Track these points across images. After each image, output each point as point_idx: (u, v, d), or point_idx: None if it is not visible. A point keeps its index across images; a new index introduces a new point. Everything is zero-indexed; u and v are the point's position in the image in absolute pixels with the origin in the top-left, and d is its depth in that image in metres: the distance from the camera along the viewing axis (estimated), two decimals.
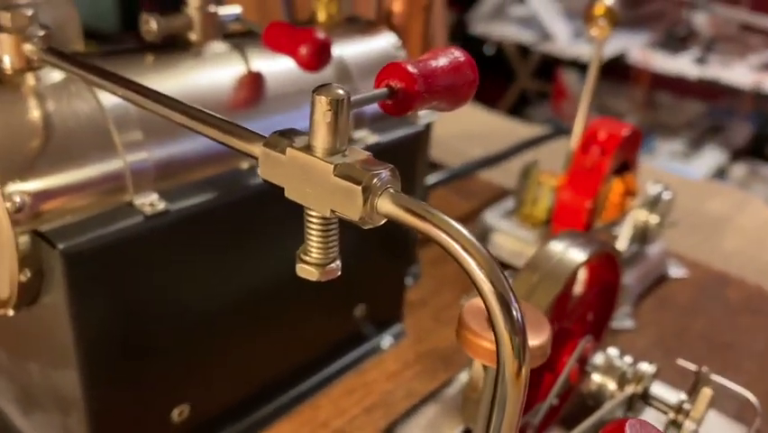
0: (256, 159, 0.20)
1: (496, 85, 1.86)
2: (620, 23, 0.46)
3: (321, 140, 0.18)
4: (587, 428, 0.28)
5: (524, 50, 1.89)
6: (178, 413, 0.33)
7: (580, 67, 2.01)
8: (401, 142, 0.38)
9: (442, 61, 0.21)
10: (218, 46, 0.34)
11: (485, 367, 0.26)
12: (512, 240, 0.52)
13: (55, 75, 0.29)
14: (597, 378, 0.32)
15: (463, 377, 0.38)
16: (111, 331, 0.29)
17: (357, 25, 0.41)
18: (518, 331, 0.17)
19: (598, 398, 0.32)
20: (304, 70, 0.32)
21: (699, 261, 0.56)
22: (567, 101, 1.91)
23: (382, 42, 0.41)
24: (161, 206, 0.29)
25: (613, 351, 0.33)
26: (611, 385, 0.32)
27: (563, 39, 1.81)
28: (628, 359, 0.32)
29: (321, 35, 0.32)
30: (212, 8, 0.34)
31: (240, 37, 0.36)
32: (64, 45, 0.30)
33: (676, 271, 0.54)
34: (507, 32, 1.81)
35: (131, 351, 0.30)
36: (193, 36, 0.34)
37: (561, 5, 1.87)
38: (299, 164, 0.19)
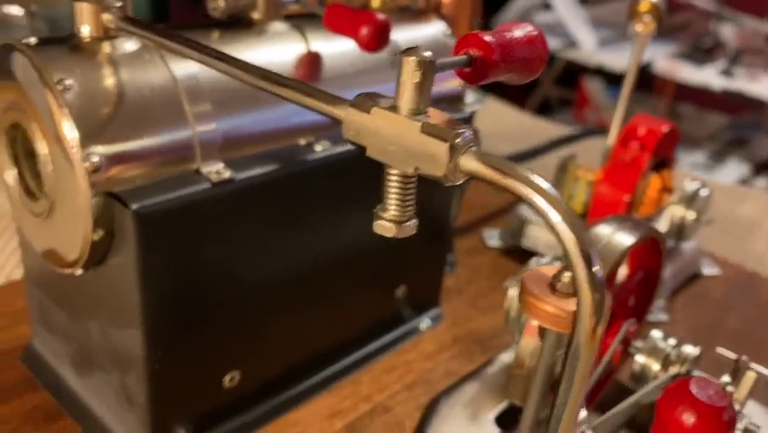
0: (339, 120, 0.21)
1: (518, 91, 1.87)
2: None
3: (407, 100, 0.19)
4: (630, 405, 0.29)
5: (548, 57, 1.89)
6: (230, 379, 0.35)
7: (604, 75, 2.01)
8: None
9: (517, 34, 0.22)
10: (279, 25, 0.36)
11: (543, 334, 0.26)
12: (547, 232, 0.52)
13: (129, 45, 0.30)
14: (641, 359, 0.33)
15: (504, 357, 0.38)
16: (174, 293, 0.30)
17: (409, 13, 0.42)
18: (599, 287, 0.18)
19: (640, 379, 0.33)
20: (363, 51, 0.33)
21: (732, 261, 0.56)
22: (589, 109, 1.91)
23: (433, 30, 0.42)
24: (227, 174, 0.30)
25: (657, 333, 0.33)
26: (655, 366, 0.33)
27: (588, 46, 1.82)
28: (672, 341, 0.33)
29: (381, 17, 0.33)
30: None
31: (299, 18, 0.37)
32: None
33: (709, 270, 0.54)
34: None
35: (190, 314, 0.31)
36: (256, 15, 0.35)
37: (586, 13, 1.87)
38: (384, 123, 0.20)
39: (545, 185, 0.18)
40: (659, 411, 0.24)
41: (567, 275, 0.24)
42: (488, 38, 0.21)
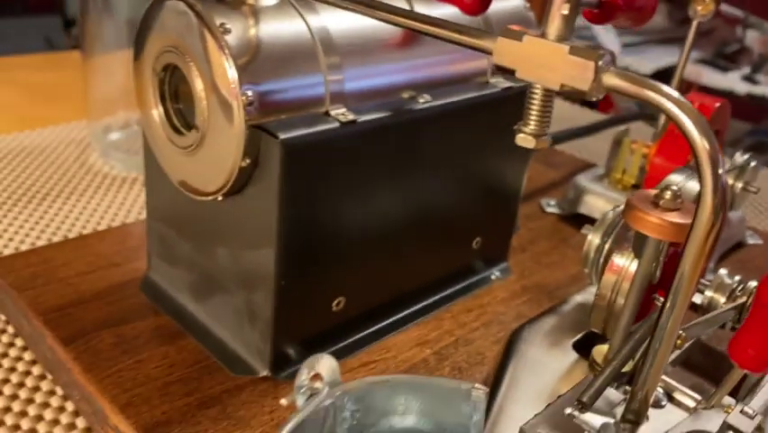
0: (486, 51, 0.25)
1: None
2: (671, 38, 0.50)
3: (555, 28, 0.23)
4: (710, 318, 0.33)
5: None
6: (336, 303, 0.39)
7: None
8: (521, 92, 0.43)
9: None
10: None
11: (640, 250, 0.30)
12: (603, 200, 0.56)
13: (269, 0, 0.34)
14: (709, 293, 0.37)
15: (578, 298, 0.42)
16: (303, 219, 0.35)
17: None
18: (720, 190, 0.22)
19: (708, 310, 0.37)
20: (465, 14, 0.38)
21: None
22: (613, 110, 1.95)
23: (513, 3, 0.46)
24: (351, 116, 0.35)
25: (723, 270, 0.37)
26: (722, 300, 0.37)
27: (613, 49, 1.85)
28: (737, 277, 0.37)
29: None
30: None
31: None
32: None
33: (754, 239, 0.58)
34: None
35: (313, 240, 0.36)
36: None
37: None
38: (534, 48, 0.24)
39: (675, 93, 0.22)
40: (759, 296, 0.27)
41: (669, 193, 0.28)
42: None
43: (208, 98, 0.33)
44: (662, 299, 0.28)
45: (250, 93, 0.32)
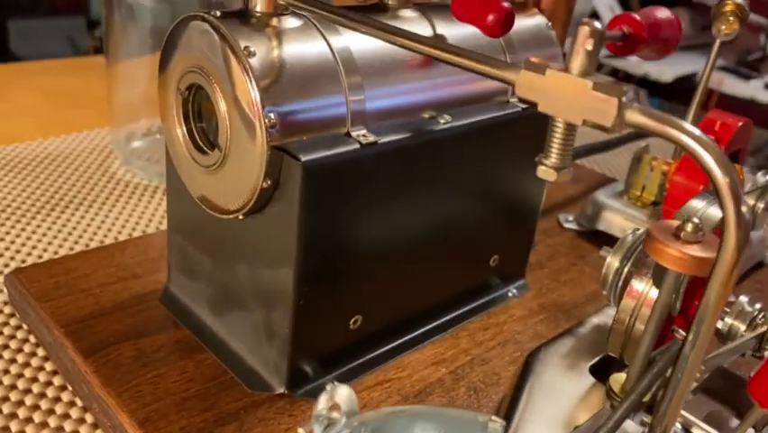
0: (508, 83, 0.25)
1: None
2: (695, 45, 0.50)
3: (579, 63, 0.23)
4: (731, 349, 0.33)
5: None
6: (354, 321, 0.39)
7: (648, 84, 2.02)
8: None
9: (660, 15, 0.26)
10: (409, 12, 0.40)
11: (659, 280, 0.30)
12: (622, 217, 0.56)
13: (293, 21, 0.35)
14: (729, 320, 0.37)
15: (595, 320, 0.42)
16: (323, 239, 0.35)
17: (515, 5, 0.46)
18: (743, 224, 0.22)
19: (727, 338, 0.37)
20: (488, 36, 0.38)
21: None
22: None
23: (535, 21, 0.46)
24: (372, 138, 0.35)
25: (744, 298, 0.37)
26: (742, 327, 0.36)
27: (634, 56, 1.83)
28: (758, 305, 0.37)
29: (507, 5, 0.37)
30: None
31: (425, 5, 0.41)
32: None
33: None
34: None
35: (332, 259, 0.36)
36: (390, 2, 0.40)
37: None
38: (557, 82, 0.24)
39: (698, 132, 0.22)
40: None
41: (690, 225, 0.28)
42: (638, 17, 0.25)
43: (231, 119, 0.33)
44: (681, 333, 0.28)
45: (272, 115, 0.32)
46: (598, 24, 0.23)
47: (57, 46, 1.84)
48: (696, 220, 0.27)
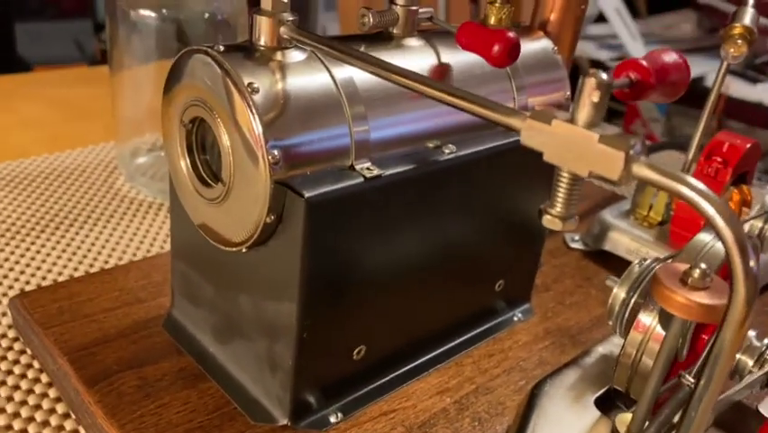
0: (513, 129, 0.25)
1: None
2: (703, 48, 0.49)
3: (585, 114, 0.23)
4: (739, 389, 0.32)
5: (600, 69, 1.91)
6: (357, 352, 0.39)
7: None
8: None
9: (667, 59, 0.26)
10: (414, 40, 0.40)
11: (666, 324, 0.30)
12: (628, 237, 0.56)
13: (297, 54, 0.35)
14: (737, 355, 0.36)
15: (600, 349, 0.42)
16: (326, 272, 0.35)
17: (519, 29, 0.46)
18: (752, 279, 0.21)
19: (734, 373, 0.36)
20: (493, 66, 0.37)
21: None
22: (639, 121, 1.92)
23: (541, 45, 0.46)
24: (376, 171, 0.35)
25: (751, 333, 0.37)
26: (750, 362, 0.36)
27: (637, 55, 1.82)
28: (766, 341, 0.36)
29: (512, 35, 0.37)
30: (414, 6, 0.39)
31: (429, 33, 0.41)
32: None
33: None
34: (585, 49, 1.83)
35: (335, 292, 0.36)
36: (395, 30, 0.39)
37: (638, 27, 1.89)
38: (563, 133, 0.24)
39: (704, 187, 0.21)
40: None
41: (697, 271, 0.27)
42: (645, 63, 0.25)
43: (234, 154, 0.33)
44: (689, 378, 0.28)
45: (276, 152, 0.32)
46: (604, 76, 0.23)
47: (64, 49, 1.84)
48: (704, 266, 0.27)
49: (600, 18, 1.88)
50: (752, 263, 0.21)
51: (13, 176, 0.64)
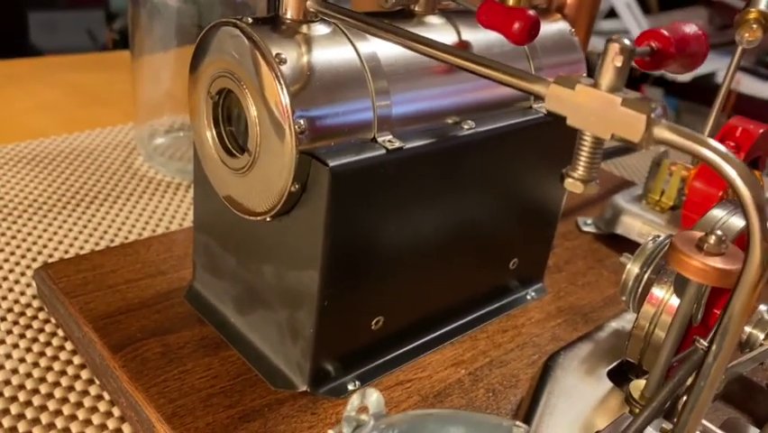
0: (537, 96, 0.26)
1: None
2: (714, 44, 0.49)
3: (608, 78, 0.24)
4: (750, 359, 0.33)
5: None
6: (375, 322, 0.40)
7: (664, 83, 2.01)
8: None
9: (688, 30, 0.26)
10: (435, 18, 0.41)
11: (681, 290, 0.31)
12: (641, 221, 0.57)
13: (322, 27, 0.35)
14: (748, 328, 0.37)
15: (613, 324, 0.43)
16: (348, 242, 0.35)
17: (538, 11, 0.47)
18: None
19: (745, 346, 0.37)
20: (513, 44, 0.38)
21: None
22: None
23: (558, 27, 0.46)
24: (397, 143, 0.35)
25: (763, 307, 0.37)
26: (761, 336, 0.37)
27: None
28: None
29: (532, 13, 0.37)
30: None
31: (450, 12, 0.42)
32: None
33: None
34: (596, 44, 1.82)
35: (356, 261, 0.37)
36: (416, 8, 0.40)
37: (649, 22, 1.88)
38: (586, 98, 0.24)
39: (725, 149, 0.22)
40: None
41: (713, 237, 0.28)
42: (666, 33, 0.26)
43: (261, 124, 0.34)
44: (703, 342, 0.28)
45: (302, 121, 0.33)
46: (627, 41, 0.24)
47: (76, 39, 1.85)
48: (719, 232, 0.28)
49: (612, 13, 1.88)
50: None
51: (34, 155, 0.66)
